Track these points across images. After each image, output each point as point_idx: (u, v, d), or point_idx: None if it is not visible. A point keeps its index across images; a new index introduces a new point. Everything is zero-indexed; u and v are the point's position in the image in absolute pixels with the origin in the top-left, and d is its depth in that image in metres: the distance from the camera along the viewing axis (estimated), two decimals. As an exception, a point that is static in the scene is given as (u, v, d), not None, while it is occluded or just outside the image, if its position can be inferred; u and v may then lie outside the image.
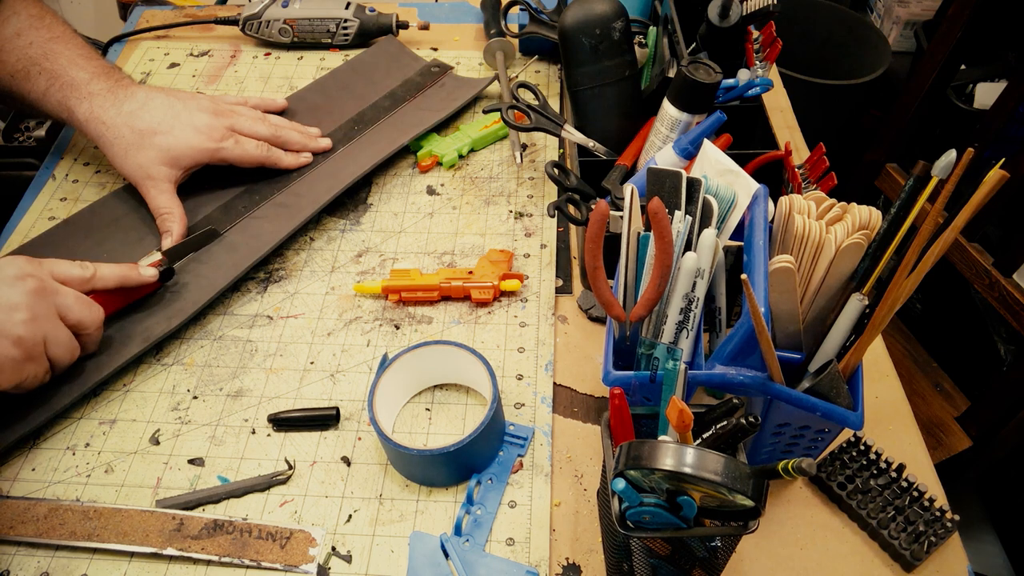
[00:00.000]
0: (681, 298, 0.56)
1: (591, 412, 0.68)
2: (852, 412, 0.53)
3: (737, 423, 0.46)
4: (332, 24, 1.02)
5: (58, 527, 0.59)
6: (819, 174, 0.67)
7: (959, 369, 1.42)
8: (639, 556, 0.52)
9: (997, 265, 1.19)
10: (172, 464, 0.64)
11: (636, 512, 0.46)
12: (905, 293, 0.50)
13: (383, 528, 0.60)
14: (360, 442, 0.65)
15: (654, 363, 0.56)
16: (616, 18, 0.75)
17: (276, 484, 0.62)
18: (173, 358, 0.71)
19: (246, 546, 0.58)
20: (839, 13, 1.83)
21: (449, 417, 0.67)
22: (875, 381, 0.70)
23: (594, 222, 0.55)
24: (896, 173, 1.41)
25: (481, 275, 0.75)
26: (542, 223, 0.82)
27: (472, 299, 0.74)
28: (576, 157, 0.78)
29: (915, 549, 0.58)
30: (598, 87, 0.78)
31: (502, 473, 0.62)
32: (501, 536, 0.59)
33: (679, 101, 0.70)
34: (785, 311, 0.55)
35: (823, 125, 1.65)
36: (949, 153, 0.47)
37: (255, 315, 0.74)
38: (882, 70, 1.67)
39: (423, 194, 0.86)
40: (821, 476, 0.62)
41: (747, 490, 0.41)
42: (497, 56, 0.98)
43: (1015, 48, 1.62)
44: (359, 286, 0.75)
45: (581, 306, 0.76)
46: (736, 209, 0.58)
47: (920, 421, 0.67)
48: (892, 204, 0.53)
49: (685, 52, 0.79)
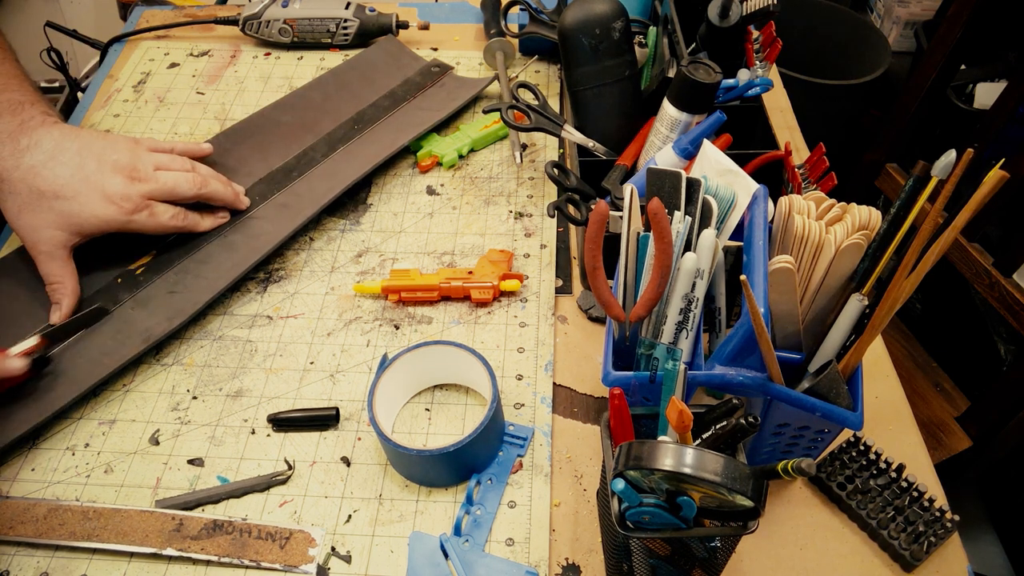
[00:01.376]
0: (681, 298, 0.56)
1: (591, 412, 0.68)
2: (852, 412, 0.53)
3: (737, 423, 0.46)
4: (332, 24, 1.02)
5: (58, 527, 0.59)
6: (819, 174, 0.66)
7: (959, 369, 1.42)
8: (639, 556, 0.52)
9: (997, 265, 1.19)
10: (172, 464, 0.64)
11: (636, 512, 0.46)
12: (905, 293, 0.50)
13: (383, 528, 0.60)
14: (360, 442, 0.65)
15: (654, 363, 0.56)
16: (616, 18, 0.75)
17: (276, 484, 0.62)
18: (173, 358, 0.71)
19: (246, 546, 0.58)
20: (839, 13, 1.83)
21: (449, 417, 0.67)
22: (875, 381, 0.70)
23: (594, 222, 0.55)
24: (896, 173, 1.41)
25: (481, 275, 0.75)
26: (542, 223, 0.82)
27: (472, 299, 0.74)
28: (576, 157, 0.78)
29: (915, 549, 0.58)
30: (598, 87, 0.78)
31: (502, 473, 0.62)
32: (501, 536, 0.59)
33: (679, 101, 0.70)
34: (785, 311, 0.55)
35: (823, 125, 1.65)
36: (949, 153, 0.47)
37: (255, 315, 0.74)
38: (882, 70, 1.67)
39: (423, 194, 0.86)
40: (821, 476, 0.62)
41: (747, 490, 0.41)
42: (497, 56, 0.98)
43: (1015, 48, 1.62)
44: (359, 286, 0.75)
45: (581, 306, 0.76)
46: (736, 209, 0.58)
47: (920, 421, 0.67)
48: (892, 204, 0.53)
49: (685, 52, 0.79)
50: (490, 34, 1.01)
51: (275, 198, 0.82)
